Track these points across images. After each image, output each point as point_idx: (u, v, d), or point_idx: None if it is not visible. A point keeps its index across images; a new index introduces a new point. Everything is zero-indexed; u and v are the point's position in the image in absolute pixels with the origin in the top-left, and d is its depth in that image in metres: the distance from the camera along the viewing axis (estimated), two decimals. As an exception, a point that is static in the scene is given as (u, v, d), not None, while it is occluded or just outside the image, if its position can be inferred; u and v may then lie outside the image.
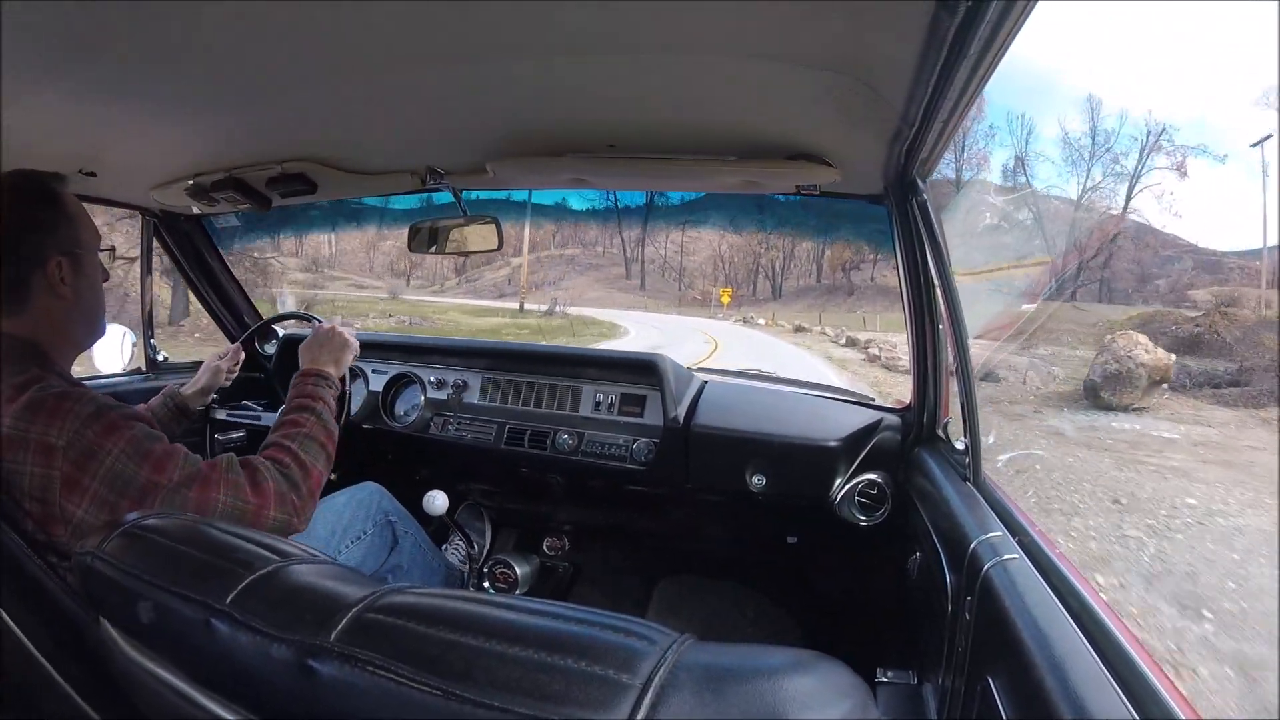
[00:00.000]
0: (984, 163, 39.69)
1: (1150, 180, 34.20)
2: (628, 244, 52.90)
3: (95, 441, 1.13)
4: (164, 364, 2.45)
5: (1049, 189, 37.36)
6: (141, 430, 1.19)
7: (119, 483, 1.14)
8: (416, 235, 2.08)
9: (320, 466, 1.40)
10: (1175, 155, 34.36)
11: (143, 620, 0.74)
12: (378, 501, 1.98)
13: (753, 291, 52.37)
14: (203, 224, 2.43)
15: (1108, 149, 35.58)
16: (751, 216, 2.37)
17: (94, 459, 1.12)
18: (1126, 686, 0.70)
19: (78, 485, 1.11)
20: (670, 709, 0.49)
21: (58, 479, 1.10)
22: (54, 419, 1.11)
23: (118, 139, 1.58)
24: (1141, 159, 34.45)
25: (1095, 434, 10.17)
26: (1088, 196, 35.97)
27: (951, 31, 0.85)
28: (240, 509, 1.23)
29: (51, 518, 1.11)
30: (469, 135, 1.61)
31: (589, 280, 51.78)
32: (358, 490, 1.98)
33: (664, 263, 54.88)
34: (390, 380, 2.45)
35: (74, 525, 1.11)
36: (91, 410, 1.14)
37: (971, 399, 1.37)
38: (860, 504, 1.87)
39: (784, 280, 53.37)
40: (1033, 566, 0.98)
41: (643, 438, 2.09)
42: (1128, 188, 34.65)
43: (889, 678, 1.46)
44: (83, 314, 1.29)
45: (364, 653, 0.58)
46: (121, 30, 1.05)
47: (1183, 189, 34.36)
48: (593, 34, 1.07)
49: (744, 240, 50.35)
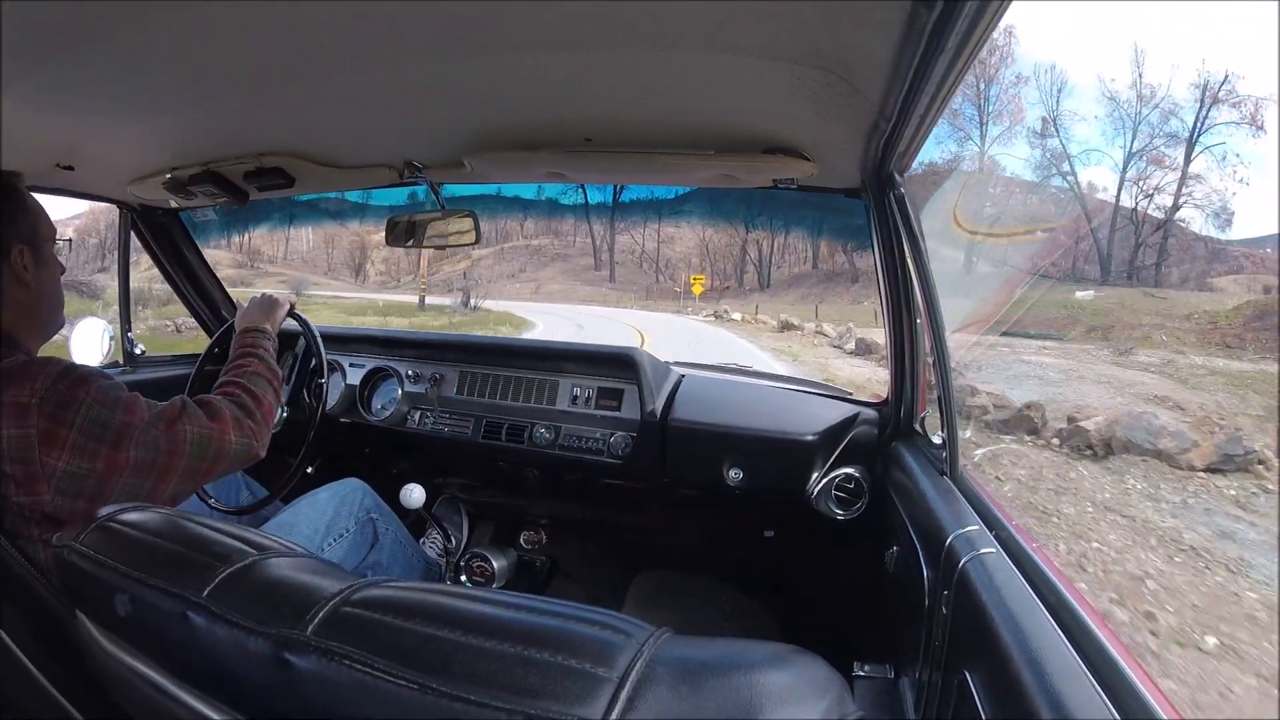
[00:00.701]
0: (1018, 115, 33.11)
1: (1212, 139, 28.55)
2: (597, 234, 50.28)
3: (67, 393, 1.17)
4: (141, 357, 2.44)
5: (1086, 152, 31.88)
6: (106, 381, 1.25)
7: (96, 429, 1.19)
8: (394, 229, 2.07)
9: (270, 399, 1.54)
10: (1245, 107, 28.08)
11: (119, 614, 0.74)
12: (360, 499, 1.97)
13: (740, 282, 47.80)
14: (180, 218, 2.41)
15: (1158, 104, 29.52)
16: (733, 208, 2.31)
17: (68, 409, 1.17)
18: (1103, 680, 0.70)
19: (55, 437, 1.15)
20: (647, 703, 0.49)
21: (34, 435, 1.14)
22: (24, 380, 1.15)
23: (95, 133, 1.57)
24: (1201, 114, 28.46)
25: None
26: (1134, 163, 30.02)
27: (929, 26, 0.85)
28: (205, 436, 1.33)
29: (34, 477, 1.14)
30: (446, 130, 1.60)
31: (553, 272, 49.93)
32: (340, 487, 1.98)
33: (641, 253, 51.34)
34: (367, 374, 2.44)
35: (57, 479, 1.15)
36: (60, 368, 1.19)
37: (949, 393, 1.38)
38: (837, 498, 1.88)
39: (773, 268, 47.70)
40: (1009, 561, 0.99)
41: (620, 431, 2.09)
42: (1186, 147, 28.88)
43: (866, 672, 1.47)
44: (46, 303, 1.33)
45: (340, 646, 0.58)
46: (98, 25, 1.05)
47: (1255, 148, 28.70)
48: (569, 29, 1.06)
49: (731, 226, 45.59)
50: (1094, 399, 9.79)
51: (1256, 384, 10.81)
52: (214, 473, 1.39)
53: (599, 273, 50.52)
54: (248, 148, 1.74)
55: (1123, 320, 18.18)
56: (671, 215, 43.34)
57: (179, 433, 1.29)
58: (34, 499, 1.15)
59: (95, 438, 1.18)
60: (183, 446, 1.29)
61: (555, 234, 52.50)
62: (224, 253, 38.20)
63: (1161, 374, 12.18)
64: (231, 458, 1.39)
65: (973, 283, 14.89)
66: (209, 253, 2.59)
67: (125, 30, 1.07)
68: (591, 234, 49.63)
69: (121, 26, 1.06)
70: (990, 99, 32.31)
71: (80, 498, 1.18)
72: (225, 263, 36.52)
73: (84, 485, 1.18)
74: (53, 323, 1.36)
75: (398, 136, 1.68)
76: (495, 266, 50.19)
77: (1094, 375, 11.92)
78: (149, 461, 1.24)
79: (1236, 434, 7.58)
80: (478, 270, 48.34)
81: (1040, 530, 5.41)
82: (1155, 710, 0.66)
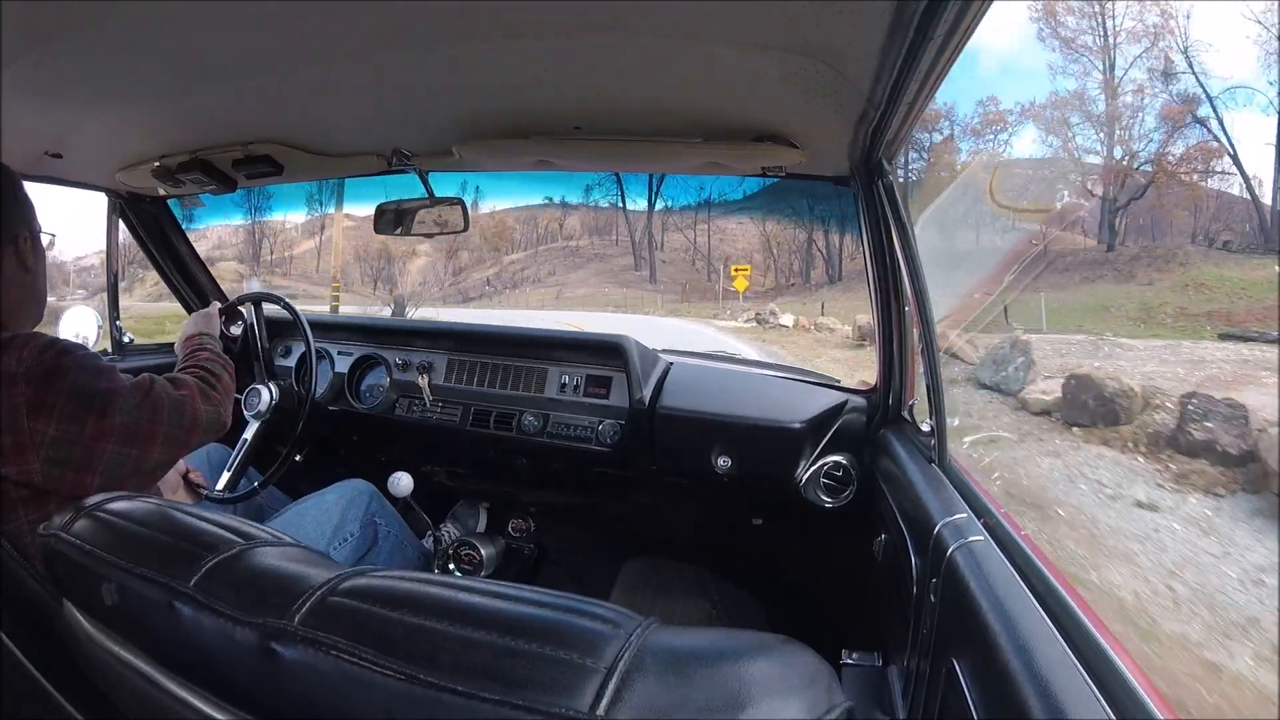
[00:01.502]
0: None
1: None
2: (637, 230, 44.33)
3: (54, 361, 1.20)
4: (130, 345, 2.43)
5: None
6: (86, 351, 1.28)
7: (83, 395, 1.21)
8: (383, 216, 2.06)
9: (226, 378, 1.59)
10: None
11: (106, 602, 0.74)
12: (366, 501, 1.98)
13: (806, 279, 38.02)
14: (168, 206, 2.39)
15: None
16: (796, 201, 2.17)
17: (55, 376, 1.19)
18: (1091, 669, 0.71)
19: (44, 404, 1.17)
20: (634, 693, 0.49)
21: (23, 403, 1.16)
22: (10, 351, 1.17)
23: (83, 121, 1.58)
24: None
25: None
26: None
27: (917, 14, 0.86)
28: (178, 402, 1.37)
29: (22, 447, 1.16)
30: (434, 117, 1.60)
31: (585, 275, 45.14)
32: (347, 488, 1.98)
33: (693, 251, 43.86)
34: (355, 362, 2.43)
35: (46, 446, 1.17)
36: (45, 340, 1.22)
37: (937, 381, 1.38)
38: (825, 486, 1.89)
39: (846, 259, 33.86)
40: (998, 549, 0.99)
41: (608, 419, 2.09)
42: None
43: (854, 660, 1.48)
44: (38, 291, 1.36)
45: (327, 636, 0.58)
46: (88, 11, 1.05)
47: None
48: (558, 16, 1.06)
49: (795, 219, 35.88)
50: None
51: None
52: (191, 442, 1.42)
53: (639, 273, 45.84)
54: (236, 135, 1.73)
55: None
56: (725, 212, 39.36)
57: (156, 399, 1.32)
58: (22, 470, 1.16)
59: (83, 404, 1.21)
60: (161, 414, 1.32)
61: (596, 233, 49.41)
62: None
63: None
64: (204, 426, 1.43)
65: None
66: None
67: (114, 17, 1.07)
68: (631, 232, 45.59)
69: (111, 13, 1.06)
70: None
71: (68, 467, 1.20)
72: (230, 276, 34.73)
73: (72, 453, 1.20)
74: (40, 312, 1.38)
75: (386, 124, 1.67)
76: (524, 270, 47.91)
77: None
78: (132, 428, 1.27)
79: None
80: (505, 275, 45.85)
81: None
82: (1144, 700, 0.67)
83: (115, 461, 1.24)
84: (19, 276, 1.29)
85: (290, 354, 2.52)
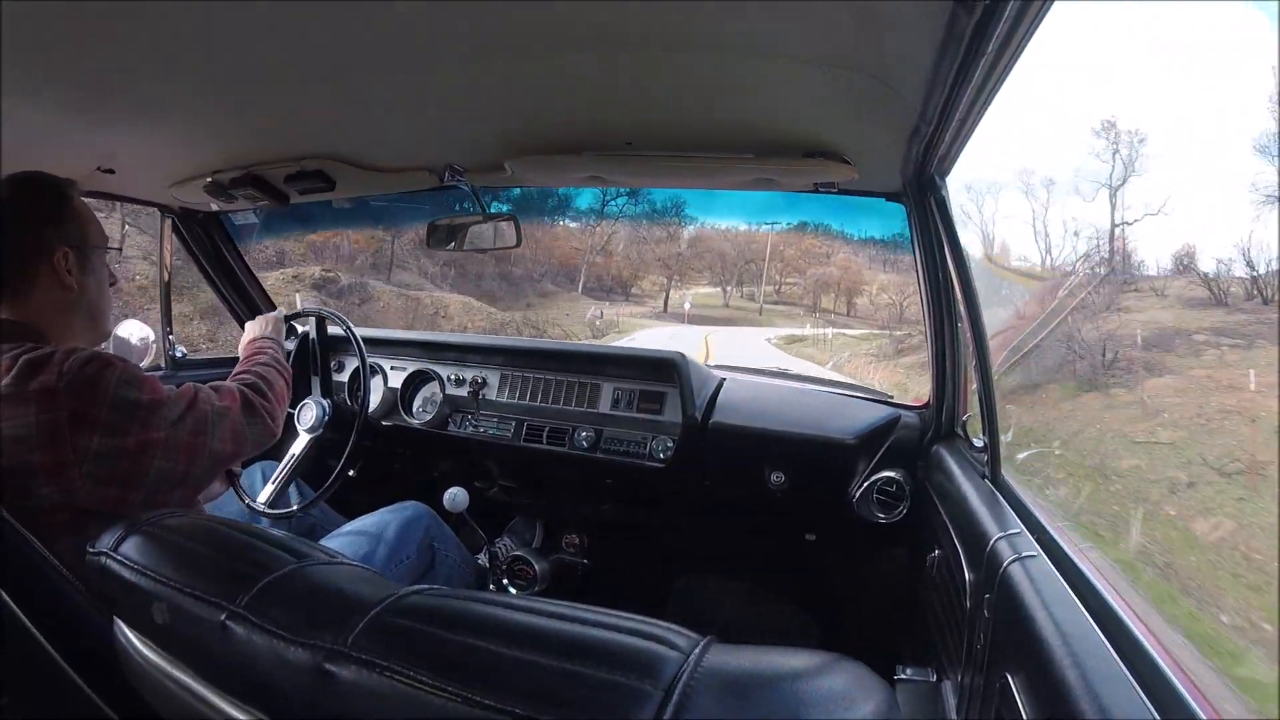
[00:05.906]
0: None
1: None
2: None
3: (94, 374, 1.18)
4: (183, 360, 2.46)
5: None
6: (128, 363, 1.26)
7: (126, 406, 1.20)
8: (435, 233, 2.08)
9: (280, 385, 1.61)
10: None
11: (157, 621, 0.74)
12: (425, 525, 1.96)
13: None
14: (221, 220, 2.43)
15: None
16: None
17: (96, 388, 1.17)
18: (1147, 686, 0.70)
19: (86, 417, 1.16)
20: (693, 714, 0.49)
21: (65, 417, 1.14)
22: (49, 366, 1.15)
23: (135, 135, 1.59)
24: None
25: None
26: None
27: (969, 30, 0.85)
28: (221, 412, 1.37)
29: (63, 464, 1.14)
30: (486, 132, 1.61)
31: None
32: (404, 510, 1.96)
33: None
34: (409, 377, 2.45)
35: (89, 462, 1.15)
36: (86, 354, 1.19)
37: (990, 396, 1.37)
38: (879, 501, 1.86)
39: None
40: (1052, 565, 0.98)
41: (661, 435, 2.09)
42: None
43: (908, 675, 1.46)
44: (87, 309, 1.35)
45: (383, 657, 0.58)
46: (136, 27, 1.06)
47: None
48: (610, 32, 1.07)
49: None
50: None
51: None
52: (239, 453, 1.42)
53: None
54: (289, 150, 1.74)
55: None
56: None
57: (199, 410, 1.32)
58: (65, 490, 1.14)
59: (126, 415, 1.19)
60: (205, 425, 1.32)
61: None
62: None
63: None
64: (251, 438, 1.43)
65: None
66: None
67: (164, 32, 1.07)
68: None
69: (160, 28, 1.06)
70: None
71: (112, 484, 1.18)
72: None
73: (116, 468, 1.18)
74: (91, 332, 1.38)
75: (438, 139, 1.69)
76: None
77: None
78: (176, 440, 1.26)
79: None
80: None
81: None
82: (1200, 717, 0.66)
83: (160, 477, 1.24)
84: (56, 292, 1.28)
85: (344, 369, 2.53)
